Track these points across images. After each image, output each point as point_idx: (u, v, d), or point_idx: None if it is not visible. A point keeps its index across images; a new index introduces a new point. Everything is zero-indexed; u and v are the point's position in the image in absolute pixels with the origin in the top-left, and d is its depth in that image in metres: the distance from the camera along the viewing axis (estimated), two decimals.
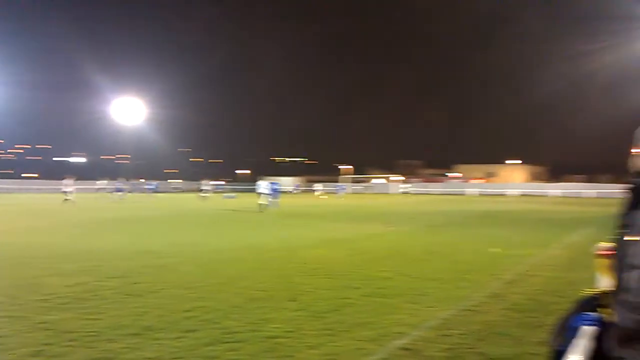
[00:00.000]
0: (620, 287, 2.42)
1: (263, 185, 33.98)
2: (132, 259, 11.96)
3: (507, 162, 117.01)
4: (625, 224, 2.54)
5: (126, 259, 11.96)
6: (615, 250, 2.63)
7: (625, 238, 2.45)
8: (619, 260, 2.51)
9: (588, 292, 3.28)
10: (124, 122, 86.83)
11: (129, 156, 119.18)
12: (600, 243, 3.28)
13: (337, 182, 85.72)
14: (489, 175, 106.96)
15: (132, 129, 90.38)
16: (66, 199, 38.34)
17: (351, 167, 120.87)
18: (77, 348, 5.71)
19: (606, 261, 2.85)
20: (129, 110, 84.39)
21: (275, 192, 35.74)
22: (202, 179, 58.86)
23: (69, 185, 39.35)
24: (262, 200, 32.72)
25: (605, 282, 2.79)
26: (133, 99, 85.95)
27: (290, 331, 6.39)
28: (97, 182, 54.11)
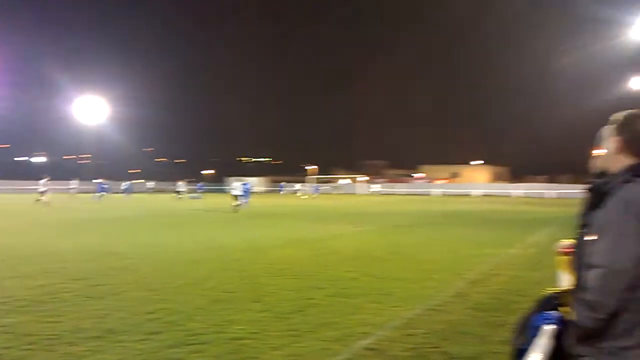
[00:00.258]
0: (579, 286, 2.46)
1: (236, 186, 34.21)
2: (95, 260, 11.76)
3: (470, 162, 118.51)
4: (584, 224, 2.59)
5: (89, 260, 11.76)
6: (575, 249, 2.68)
7: (585, 238, 2.50)
8: (579, 259, 2.56)
9: (549, 291, 3.33)
10: (85, 121, 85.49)
11: (90, 156, 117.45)
12: (562, 242, 3.33)
13: (304, 182, 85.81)
14: (453, 176, 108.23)
15: (94, 128, 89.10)
16: (39, 199, 37.69)
17: (316, 167, 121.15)
18: (36, 351, 5.59)
19: (567, 260, 2.90)
20: (90, 109, 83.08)
21: (247, 193, 36.18)
22: (178, 180, 58.81)
23: (44, 185, 38.58)
24: (235, 201, 32.82)
25: (566, 280, 2.84)
26: (95, 98, 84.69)
27: (255, 332, 6.36)
28: (70, 182, 53.22)
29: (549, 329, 2.89)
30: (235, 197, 33.22)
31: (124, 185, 62.65)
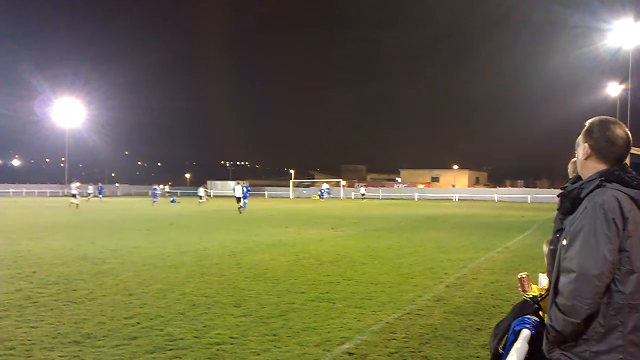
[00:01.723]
0: (554, 290, 2.50)
1: (238, 190, 35.86)
2: (70, 265, 11.65)
3: (450, 167, 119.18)
4: (560, 229, 2.62)
5: (65, 265, 11.64)
6: (552, 254, 2.71)
7: (561, 242, 2.53)
8: (554, 263, 2.59)
9: (529, 295, 3.36)
10: (63, 124, 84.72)
11: (64, 159, 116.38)
12: (544, 247, 3.36)
13: (287, 186, 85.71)
14: (433, 180, 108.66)
15: (72, 131, 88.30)
16: (72, 203, 40.48)
17: (293, 171, 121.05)
18: (15, 357, 5.52)
19: (546, 264, 2.93)
20: (68, 112, 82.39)
21: (246, 195, 37.81)
22: (156, 183, 58.72)
23: (76, 189, 41.45)
24: (239, 204, 34.91)
25: (546, 284, 2.87)
26: (72, 101, 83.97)
27: (235, 337, 6.34)
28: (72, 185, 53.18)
29: (527, 333, 2.92)
30: (239, 199, 34.63)
31: (100, 188, 62.03)
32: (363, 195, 72.40)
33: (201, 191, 55.61)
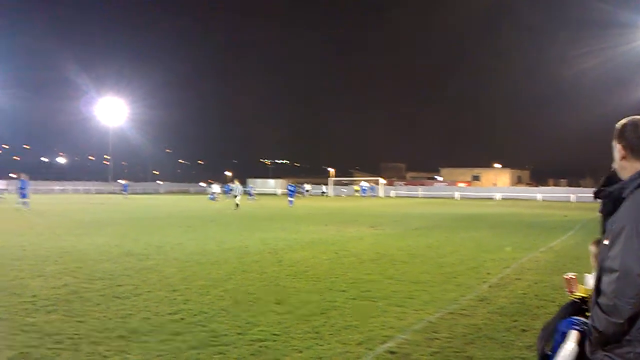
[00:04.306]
0: (596, 290, 2.46)
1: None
2: (115, 261, 11.87)
3: (490, 165, 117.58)
4: (604, 230, 2.59)
5: (109, 260, 11.87)
6: (598, 254, 2.68)
7: (602, 242, 2.51)
8: (598, 263, 2.56)
9: (576, 295, 3.30)
10: (106, 123, 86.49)
11: (107, 157, 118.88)
12: (590, 247, 3.30)
13: (326, 184, 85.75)
14: (473, 179, 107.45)
15: (115, 130, 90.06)
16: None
17: (332, 169, 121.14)
18: (62, 350, 5.65)
19: (592, 265, 2.89)
20: (111, 111, 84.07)
21: (292, 193, 42.24)
22: (202, 181, 59.34)
23: (216, 187, 42.54)
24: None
25: (591, 284, 2.82)
26: (115, 99, 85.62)
27: (277, 334, 6.37)
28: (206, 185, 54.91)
29: (575, 334, 2.87)
30: (235, 196, 36.27)
31: (125, 186, 62.04)
32: (398, 194, 71.91)
33: (216, 187, 54.38)
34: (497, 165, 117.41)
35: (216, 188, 53.73)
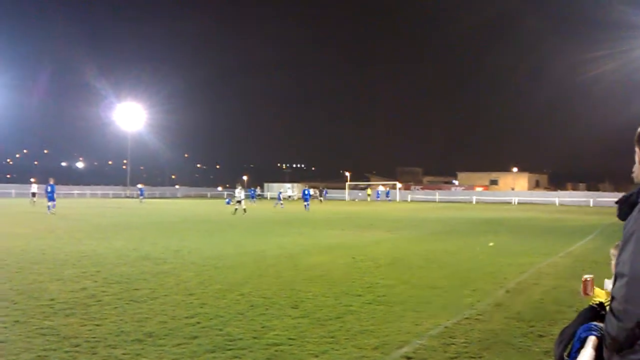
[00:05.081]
0: (612, 295, 2.43)
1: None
2: (132, 264, 11.96)
3: (508, 169, 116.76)
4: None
5: (127, 264, 11.95)
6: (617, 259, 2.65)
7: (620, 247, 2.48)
8: (612, 268, 2.53)
9: (595, 300, 3.27)
10: (125, 128, 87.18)
11: (125, 161, 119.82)
12: (611, 251, 3.27)
13: (343, 188, 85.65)
14: (491, 183, 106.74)
15: (134, 134, 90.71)
16: (244, 208, 39.02)
17: (348, 173, 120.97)
18: (80, 354, 5.70)
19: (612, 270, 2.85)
20: (130, 116, 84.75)
21: (307, 197, 44.31)
22: (218, 185, 59.06)
23: (241, 192, 38.64)
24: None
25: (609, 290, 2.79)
26: (134, 104, 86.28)
27: (293, 338, 6.37)
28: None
29: (593, 340, 2.84)
30: (239, 201, 36.11)
31: (141, 190, 61.71)
32: (415, 198, 71.47)
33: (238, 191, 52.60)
34: (514, 169, 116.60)
35: (240, 193, 52.33)
